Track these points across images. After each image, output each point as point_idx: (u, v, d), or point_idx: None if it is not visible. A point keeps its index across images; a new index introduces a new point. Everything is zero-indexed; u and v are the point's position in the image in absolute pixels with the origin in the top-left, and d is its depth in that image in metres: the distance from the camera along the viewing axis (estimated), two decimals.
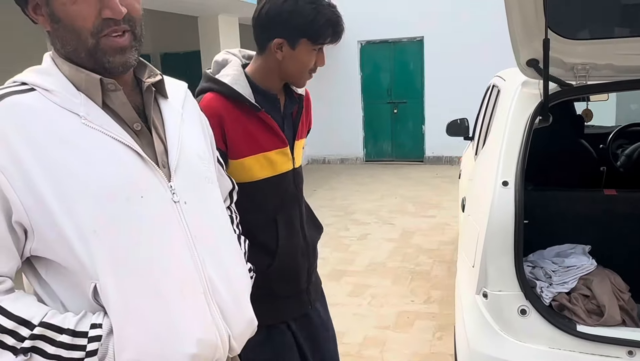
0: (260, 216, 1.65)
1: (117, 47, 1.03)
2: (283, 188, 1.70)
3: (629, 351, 1.69)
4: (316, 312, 1.86)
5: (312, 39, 1.56)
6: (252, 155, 1.61)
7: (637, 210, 2.04)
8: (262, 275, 1.51)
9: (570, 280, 1.90)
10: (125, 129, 1.05)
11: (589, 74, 2.00)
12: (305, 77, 1.65)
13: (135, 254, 1.00)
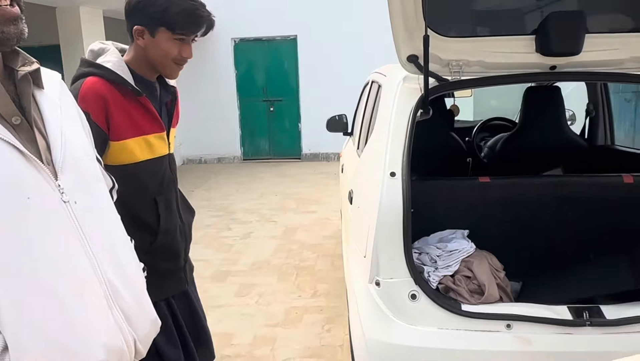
0: (141, 197, 1.75)
1: (9, 16, 0.91)
2: (162, 170, 1.82)
3: (507, 325, 1.84)
4: (193, 293, 2.06)
5: (169, 28, 1.65)
6: (133, 137, 1.69)
7: (507, 195, 2.23)
8: (145, 254, 1.53)
9: (453, 263, 2.02)
10: (2, 124, 0.92)
11: (462, 70, 2.13)
12: (171, 66, 1.73)
13: (25, 260, 0.88)
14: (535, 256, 2.31)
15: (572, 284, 2.18)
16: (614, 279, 2.09)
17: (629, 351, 1.84)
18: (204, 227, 5.99)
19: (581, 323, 1.81)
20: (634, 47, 2.09)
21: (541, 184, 2.22)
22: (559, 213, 2.27)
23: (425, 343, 1.86)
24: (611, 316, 1.84)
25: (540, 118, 3.08)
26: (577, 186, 2.24)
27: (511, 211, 2.25)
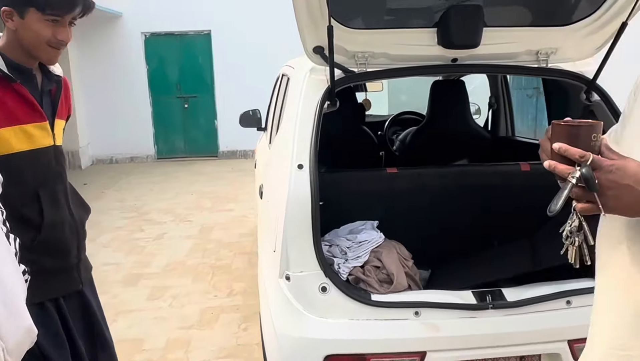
0: (21, 190, 1.64)
1: None
2: (44, 162, 1.72)
3: (415, 312, 1.86)
4: (90, 294, 1.93)
5: (39, 9, 1.55)
6: (7, 127, 1.59)
7: (414, 185, 2.27)
8: (28, 251, 1.45)
9: (363, 254, 2.02)
10: None
11: (368, 61, 2.14)
12: (46, 50, 1.63)
13: None
14: (443, 244, 2.37)
15: (478, 270, 2.25)
16: (515, 264, 2.18)
17: (528, 330, 1.94)
18: (115, 229, 5.71)
19: (484, 307, 1.87)
20: (528, 41, 2.19)
21: (446, 174, 2.29)
22: (464, 202, 2.34)
23: (336, 335, 1.86)
24: (512, 298, 1.91)
25: (446, 111, 3.18)
26: (479, 175, 2.33)
27: (419, 201, 2.30)
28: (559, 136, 1.02)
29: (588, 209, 0.99)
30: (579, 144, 0.99)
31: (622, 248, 1.10)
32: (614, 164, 0.96)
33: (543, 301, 1.91)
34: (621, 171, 0.96)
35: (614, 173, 0.96)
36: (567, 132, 1.01)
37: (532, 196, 2.33)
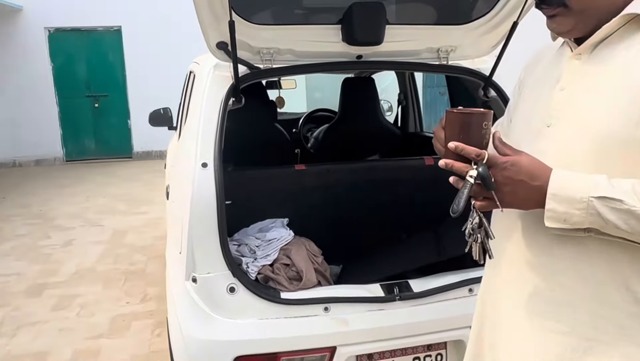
0: None
1: None
2: None
3: (325, 308, 1.87)
4: None
5: None
6: None
7: (323, 181, 2.27)
8: None
9: (272, 252, 2.00)
10: None
11: (273, 57, 2.12)
12: None
13: None
14: (354, 239, 2.40)
15: (387, 263, 2.30)
16: (421, 255, 2.24)
17: (434, 318, 2.00)
18: (17, 237, 5.35)
19: (391, 299, 1.91)
20: (429, 39, 2.25)
21: (354, 169, 2.31)
22: (373, 196, 2.38)
23: (245, 336, 1.82)
24: (418, 289, 1.96)
25: (357, 108, 3.22)
26: (386, 169, 2.37)
27: (328, 197, 2.31)
28: (452, 123, 1.04)
29: (486, 206, 1.03)
30: (471, 132, 1.02)
31: (515, 237, 1.15)
32: (508, 161, 0.99)
33: (447, 290, 1.97)
34: (515, 167, 0.99)
35: (509, 170, 0.99)
36: (460, 119, 1.03)
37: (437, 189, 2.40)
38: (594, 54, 1.08)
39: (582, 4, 1.04)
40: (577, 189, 0.95)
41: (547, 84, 1.16)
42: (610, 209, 0.93)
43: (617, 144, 0.99)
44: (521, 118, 1.23)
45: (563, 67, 1.13)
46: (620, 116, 0.98)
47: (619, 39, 1.05)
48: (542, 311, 1.11)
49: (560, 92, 1.11)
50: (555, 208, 0.97)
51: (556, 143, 1.07)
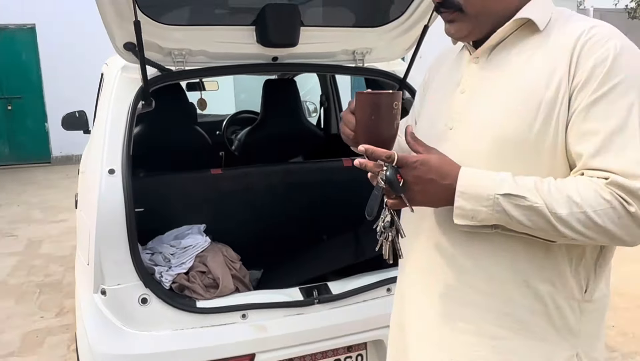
0: None
1: None
2: None
3: (242, 315, 1.83)
4: None
5: None
6: None
7: (240, 185, 2.23)
8: None
9: (187, 260, 1.94)
10: None
11: (185, 59, 2.05)
12: None
13: None
14: (274, 243, 2.37)
15: (308, 266, 2.29)
16: (341, 256, 2.25)
17: (353, 320, 2.00)
18: None
19: (310, 302, 1.90)
20: (345, 41, 2.26)
21: (272, 172, 2.29)
22: (293, 199, 2.36)
23: (159, 348, 1.76)
24: (337, 291, 1.96)
25: (278, 110, 3.19)
26: (305, 172, 2.36)
27: (246, 201, 2.27)
28: (363, 105, 1.04)
29: (398, 204, 1.03)
30: (382, 112, 1.02)
31: (423, 236, 1.17)
32: (417, 160, 1.00)
33: (365, 291, 1.99)
34: (425, 166, 0.99)
35: (419, 169, 0.99)
36: (371, 100, 1.03)
37: (356, 190, 2.43)
38: (491, 57, 1.11)
39: (477, 9, 1.07)
40: (484, 186, 0.97)
41: (449, 86, 1.18)
42: (514, 206, 0.95)
43: (513, 146, 1.02)
44: (426, 120, 1.25)
45: (463, 71, 1.16)
46: (515, 119, 1.02)
47: (512, 44, 1.09)
48: (449, 311, 1.13)
49: (461, 95, 1.13)
50: (464, 205, 0.99)
51: (457, 145, 1.10)
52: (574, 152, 0.98)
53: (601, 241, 0.96)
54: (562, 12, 1.09)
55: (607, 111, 0.95)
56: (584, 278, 1.06)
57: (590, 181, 0.94)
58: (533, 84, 1.01)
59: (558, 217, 0.93)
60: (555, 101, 0.99)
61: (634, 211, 0.91)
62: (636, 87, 0.95)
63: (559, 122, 0.99)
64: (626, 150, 0.93)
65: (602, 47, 0.97)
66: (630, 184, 0.91)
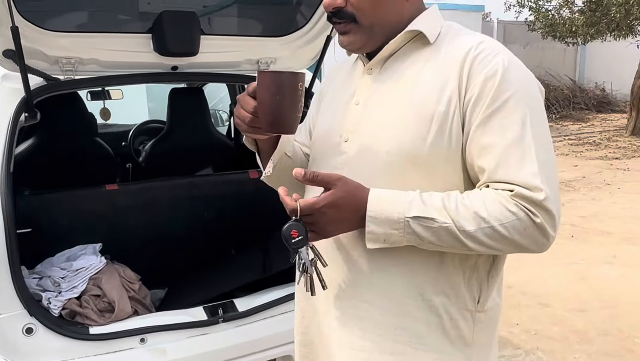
0: None
1: None
2: None
3: (141, 339, 1.73)
4: None
5: None
6: None
7: (139, 201, 2.12)
8: None
9: (79, 283, 1.81)
10: None
11: (75, 68, 1.93)
12: None
13: None
14: (180, 260, 2.28)
15: (215, 282, 2.21)
16: (248, 271, 2.19)
17: (261, 337, 1.95)
18: None
19: (214, 322, 1.83)
20: (248, 50, 2.21)
21: (174, 186, 2.19)
22: (198, 213, 2.28)
23: None
24: (243, 308, 1.90)
25: (186, 120, 3.09)
26: (210, 185, 2.29)
27: (147, 217, 2.16)
28: (267, 84, 0.99)
29: (314, 238, 1.01)
30: (288, 92, 0.99)
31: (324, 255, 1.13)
32: (325, 204, 0.96)
33: (273, 306, 1.94)
34: (335, 208, 0.97)
35: (328, 214, 0.97)
36: (278, 79, 0.99)
37: (264, 202, 2.39)
38: (384, 69, 1.11)
39: (371, 20, 1.06)
40: (393, 210, 0.97)
41: (343, 98, 1.17)
42: (424, 228, 0.96)
43: (407, 159, 1.02)
44: (321, 132, 1.22)
45: (357, 82, 1.15)
46: (409, 132, 1.02)
47: (405, 56, 1.09)
48: (349, 328, 1.11)
49: (355, 107, 1.12)
50: (375, 230, 0.98)
51: (353, 158, 1.09)
52: (477, 166, 1.00)
53: (509, 251, 0.99)
54: (451, 26, 1.11)
55: (503, 124, 0.97)
56: (476, 289, 1.08)
57: (496, 194, 0.96)
58: (425, 97, 1.02)
59: (467, 233, 0.95)
60: (447, 114, 1.00)
61: (540, 222, 0.94)
62: (526, 99, 0.98)
63: (452, 135, 1.00)
64: (524, 162, 0.95)
65: (491, 62, 0.99)
66: (533, 195, 0.93)
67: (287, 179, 1.21)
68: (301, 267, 1.04)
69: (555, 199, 0.96)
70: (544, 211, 0.94)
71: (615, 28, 9.55)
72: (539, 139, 0.97)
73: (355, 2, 1.04)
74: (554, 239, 0.97)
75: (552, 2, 10.34)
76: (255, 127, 1.03)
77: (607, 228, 5.14)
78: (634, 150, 9.07)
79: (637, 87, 10.30)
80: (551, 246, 1.00)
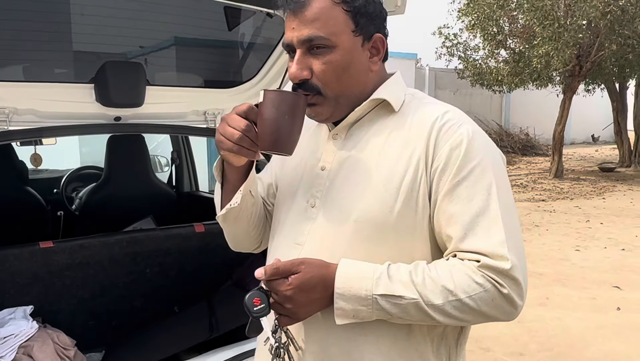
0: None
1: None
2: None
3: None
4: None
5: None
6: None
7: (76, 259, 1.99)
8: None
9: (7, 353, 1.65)
10: None
11: (10, 118, 1.81)
12: None
13: None
14: (119, 320, 2.14)
15: (158, 343, 2.09)
16: (195, 331, 2.09)
17: None
18: None
19: None
20: (195, 101, 2.18)
21: (113, 242, 2.08)
22: (137, 270, 2.16)
23: None
24: None
25: (125, 167, 2.98)
26: (151, 240, 2.19)
27: (84, 276, 2.02)
28: (277, 102, 0.99)
29: (288, 322, 1.00)
30: (295, 112, 1.00)
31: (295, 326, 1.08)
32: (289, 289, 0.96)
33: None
34: (302, 293, 0.97)
35: (296, 299, 0.97)
36: (288, 98, 1.00)
37: (209, 256, 2.31)
38: (349, 135, 1.10)
39: (336, 92, 1.06)
40: (360, 287, 0.96)
41: (309, 161, 1.15)
42: (392, 305, 0.95)
43: (374, 228, 1.01)
44: (287, 194, 1.19)
45: (323, 146, 1.14)
46: (376, 201, 1.01)
47: (370, 123, 1.09)
48: None
49: (322, 172, 1.11)
50: (343, 307, 0.97)
51: (320, 225, 1.07)
52: (445, 235, 1.00)
53: (477, 321, 0.98)
54: (414, 93, 1.13)
55: (469, 194, 0.98)
56: (445, 357, 1.06)
57: (462, 265, 0.96)
58: (392, 166, 1.02)
59: (435, 307, 0.94)
60: (414, 183, 1.00)
61: (507, 293, 0.94)
62: (491, 168, 1.00)
63: (418, 204, 1.00)
64: (491, 231, 0.96)
65: (456, 133, 1.01)
66: (499, 265, 0.94)
67: (242, 224, 1.20)
68: (273, 351, 1.01)
69: (522, 267, 0.96)
70: (510, 280, 0.94)
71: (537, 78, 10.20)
72: (504, 207, 0.98)
73: (321, 75, 1.04)
74: (521, 308, 0.98)
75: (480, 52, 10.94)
76: (241, 146, 1.00)
77: (538, 270, 5.34)
78: (558, 192, 9.60)
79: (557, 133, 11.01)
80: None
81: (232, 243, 1.30)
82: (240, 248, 1.32)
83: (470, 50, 11.13)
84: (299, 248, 1.07)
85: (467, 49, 11.12)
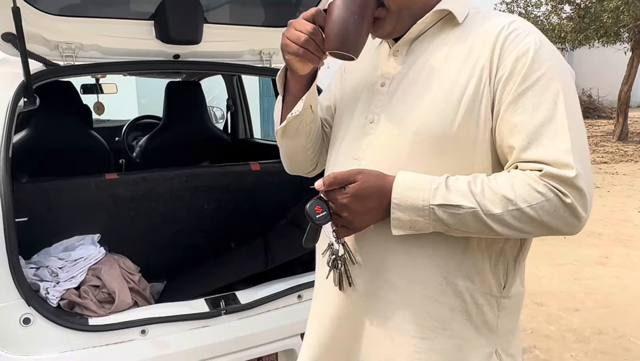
0: None
1: None
2: None
3: (142, 331, 1.68)
4: None
5: None
6: None
7: (138, 191, 2.07)
8: None
9: (78, 274, 1.76)
10: None
11: (75, 54, 1.89)
12: None
13: None
14: (178, 252, 2.23)
15: (215, 275, 2.17)
16: (250, 264, 2.15)
17: (263, 330, 1.91)
18: None
19: (217, 314, 1.79)
20: (251, 40, 2.18)
21: (173, 177, 2.14)
22: (196, 205, 2.23)
23: None
24: (245, 300, 1.86)
25: (182, 114, 3.05)
26: (209, 176, 2.24)
27: (147, 208, 2.11)
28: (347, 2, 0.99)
29: (345, 233, 1.02)
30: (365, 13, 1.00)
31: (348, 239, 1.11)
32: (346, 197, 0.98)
33: (276, 298, 1.90)
34: (359, 202, 0.98)
35: (353, 208, 0.98)
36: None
37: (264, 195, 2.36)
38: (411, 50, 1.09)
39: (399, 4, 1.05)
40: (418, 197, 0.95)
41: (369, 79, 1.15)
42: (450, 215, 0.94)
43: (434, 141, 1.00)
44: (345, 112, 1.19)
45: (383, 63, 1.13)
46: (436, 115, 1.00)
47: (432, 37, 1.07)
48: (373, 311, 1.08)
49: (382, 88, 1.10)
50: (400, 217, 0.97)
51: (379, 139, 1.07)
52: (506, 146, 0.97)
53: (539, 233, 0.96)
54: (478, 8, 1.10)
55: (534, 103, 0.95)
56: (502, 274, 1.06)
57: (523, 175, 0.93)
58: (454, 78, 1.00)
59: (494, 217, 0.93)
60: (477, 95, 0.98)
61: (570, 202, 0.91)
62: (558, 78, 0.96)
63: (480, 116, 0.98)
64: (556, 140, 0.92)
65: (522, 42, 0.97)
66: (563, 173, 0.90)
67: (300, 140, 1.22)
68: (331, 262, 1.04)
69: (587, 177, 0.93)
70: (574, 190, 0.91)
71: (604, 35, 9.66)
72: (571, 117, 0.95)
73: None
74: (585, 220, 0.94)
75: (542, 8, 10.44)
76: (307, 49, 1.01)
77: (598, 230, 5.17)
78: (622, 155, 9.18)
79: (623, 93, 10.45)
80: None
81: (287, 162, 1.32)
82: (295, 169, 1.34)
83: (531, 7, 10.64)
84: (356, 162, 1.08)
85: (528, 4, 10.63)
